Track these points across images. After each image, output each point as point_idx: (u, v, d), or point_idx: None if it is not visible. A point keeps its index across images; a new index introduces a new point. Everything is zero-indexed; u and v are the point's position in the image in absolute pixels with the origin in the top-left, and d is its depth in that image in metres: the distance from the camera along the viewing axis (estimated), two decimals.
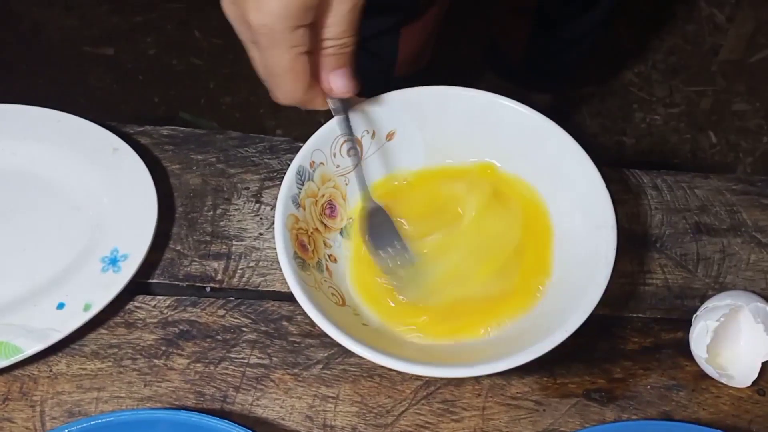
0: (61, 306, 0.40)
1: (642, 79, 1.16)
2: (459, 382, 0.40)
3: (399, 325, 0.39)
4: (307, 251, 0.40)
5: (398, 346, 0.38)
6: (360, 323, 0.39)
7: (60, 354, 0.40)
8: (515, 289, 0.40)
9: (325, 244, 0.42)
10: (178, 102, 1.13)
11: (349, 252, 0.42)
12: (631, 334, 0.42)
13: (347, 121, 0.40)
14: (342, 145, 0.43)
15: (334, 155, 0.43)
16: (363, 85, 0.39)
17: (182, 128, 0.49)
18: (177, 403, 0.39)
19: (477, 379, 0.40)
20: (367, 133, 0.44)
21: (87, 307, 0.40)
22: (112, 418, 0.35)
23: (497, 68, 1.07)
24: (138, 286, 0.42)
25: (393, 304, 0.40)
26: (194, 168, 0.47)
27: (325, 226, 0.42)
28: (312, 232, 0.41)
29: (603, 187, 0.40)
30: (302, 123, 1.08)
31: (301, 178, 0.41)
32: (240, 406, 0.39)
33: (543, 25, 0.91)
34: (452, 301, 0.40)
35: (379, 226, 0.42)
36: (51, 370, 0.40)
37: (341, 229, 0.43)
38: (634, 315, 0.43)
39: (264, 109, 1.12)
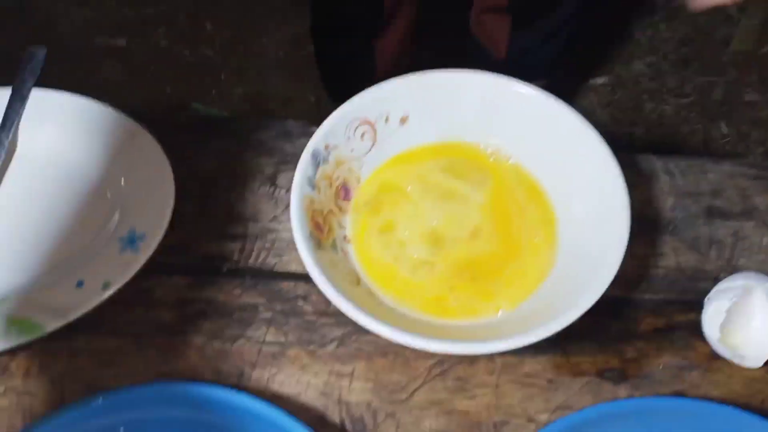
0: (80, 285, 0.41)
1: (653, 69, 1.15)
2: (472, 360, 0.40)
3: (412, 305, 0.40)
4: (322, 232, 0.40)
5: (412, 324, 0.38)
6: (375, 303, 0.40)
7: (79, 331, 0.40)
8: (528, 268, 0.41)
9: (339, 226, 0.42)
10: (189, 93, 1.14)
11: (356, 231, 0.43)
12: (644, 315, 0.42)
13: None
14: (356, 128, 0.43)
15: (349, 139, 0.44)
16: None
17: (196, 115, 0.50)
18: (195, 379, 0.40)
19: (490, 358, 0.40)
20: (381, 117, 0.44)
21: (105, 286, 0.40)
22: (130, 392, 0.36)
23: (483, 68, 1.08)
24: (155, 265, 0.43)
25: (402, 283, 0.40)
26: (209, 152, 0.48)
27: (340, 208, 0.43)
28: (327, 214, 0.42)
29: (616, 167, 0.40)
30: (312, 114, 1.09)
31: (316, 160, 0.42)
32: (256, 382, 0.39)
33: (519, 21, 0.93)
34: (464, 280, 0.40)
35: None
36: (70, 347, 0.40)
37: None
38: (647, 297, 0.43)
39: (274, 101, 1.13)
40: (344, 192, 0.43)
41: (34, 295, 0.40)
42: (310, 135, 0.42)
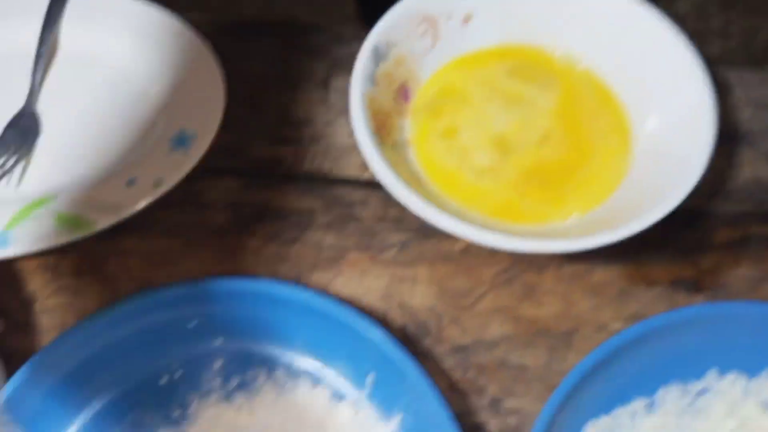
0: (130, 183, 0.39)
1: (698, 10, 1.11)
2: (539, 268, 0.38)
3: (479, 210, 0.38)
4: (383, 132, 0.38)
5: (481, 226, 0.37)
6: (440, 205, 0.38)
7: (130, 232, 0.39)
8: (601, 174, 0.38)
9: (399, 128, 0.40)
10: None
11: (416, 135, 0.40)
12: (720, 226, 0.40)
13: None
14: (417, 25, 0.41)
15: (409, 36, 0.41)
16: None
17: (246, 15, 0.48)
18: None
19: (558, 267, 0.38)
20: (444, 13, 0.42)
21: (157, 184, 0.39)
22: (191, 287, 0.35)
23: None
24: (206, 169, 0.41)
25: (468, 188, 0.39)
26: (260, 55, 0.46)
27: (399, 110, 0.41)
28: (387, 114, 0.39)
29: (703, 71, 0.38)
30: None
31: (377, 56, 0.39)
32: (316, 285, 0.38)
33: None
34: (533, 186, 0.38)
35: None
36: (121, 247, 0.39)
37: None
38: (723, 208, 0.41)
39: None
40: (404, 93, 0.41)
41: (84, 193, 0.39)
42: (362, 39, 0.40)
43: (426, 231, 0.40)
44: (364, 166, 0.42)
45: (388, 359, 0.33)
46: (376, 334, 0.33)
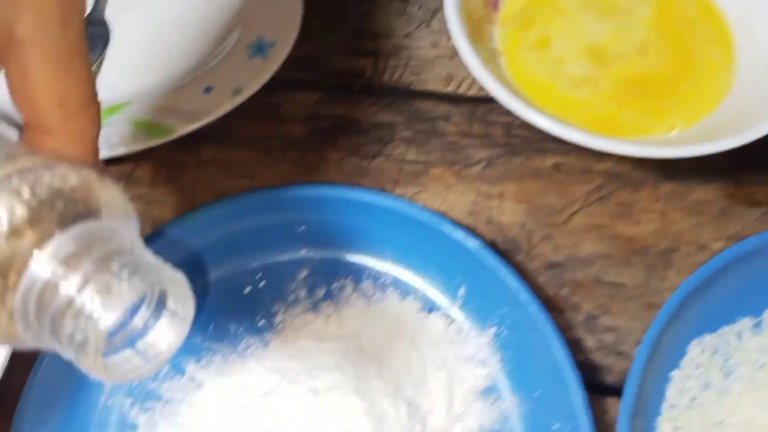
0: (208, 90, 0.38)
1: None
2: (635, 187, 0.36)
3: (577, 122, 0.36)
4: (476, 38, 0.36)
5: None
6: None
7: (207, 142, 0.38)
8: (704, 86, 0.36)
9: (490, 37, 0.38)
10: None
11: (506, 45, 0.38)
12: None
13: None
14: None
15: None
16: None
17: None
18: None
19: (654, 185, 0.36)
20: None
21: (236, 92, 0.37)
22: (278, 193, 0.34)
23: None
24: (284, 81, 0.39)
25: (564, 100, 0.36)
26: None
27: (489, 17, 0.39)
28: (478, 20, 0.37)
29: None
30: None
31: None
32: None
33: None
34: (634, 97, 0.36)
35: None
36: (199, 157, 0.38)
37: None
38: None
39: None
40: (493, 2, 0.39)
41: (161, 100, 0.37)
42: None
43: (513, 147, 0.38)
44: (447, 79, 0.40)
45: (484, 269, 0.31)
46: (472, 243, 0.32)
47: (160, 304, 0.19)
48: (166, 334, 0.19)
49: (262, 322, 0.33)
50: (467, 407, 0.30)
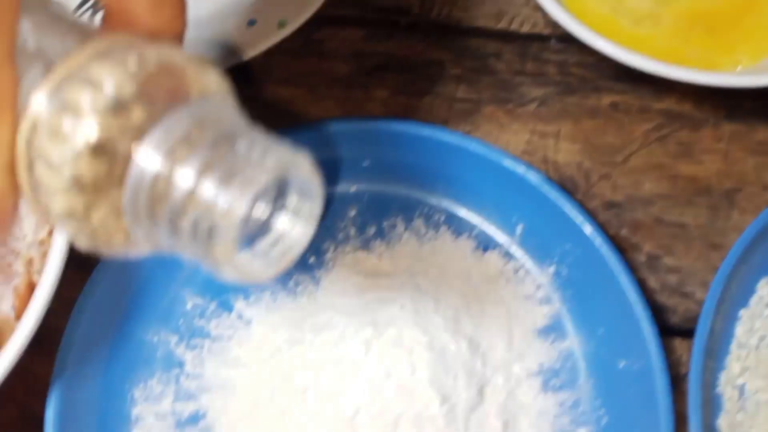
0: (252, 23, 0.36)
1: None
2: (695, 126, 0.35)
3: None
4: None
5: None
6: None
7: (250, 78, 0.36)
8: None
9: None
10: None
11: None
12: None
13: None
14: None
15: None
16: None
17: None
18: None
19: (716, 124, 0.35)
20: None
21: (281, 25, 0.36)
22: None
23: None
24: (327, 18, 0.38)
25: (627, 36, 0.35)
26: None
27: None
28: None
29: None
30: None
31: None
32: None
33: None
34: (698, 33, 0.35)
35: None
36: (240, 94, 0.37)
37: None
38: None
39: None
40: None
41: (205, 32, 0.36)
42: None
43: (568, 85, 0.36)
44: (498, 16, 0.38)
45: (545, 204, 0.30)
46: (534, 177, 0.30)
47: (282, 196, 0.17)
48: (292, 230, 0.17)
49: (312, 259, 0.32)
50: (527, 345, 0.29)
